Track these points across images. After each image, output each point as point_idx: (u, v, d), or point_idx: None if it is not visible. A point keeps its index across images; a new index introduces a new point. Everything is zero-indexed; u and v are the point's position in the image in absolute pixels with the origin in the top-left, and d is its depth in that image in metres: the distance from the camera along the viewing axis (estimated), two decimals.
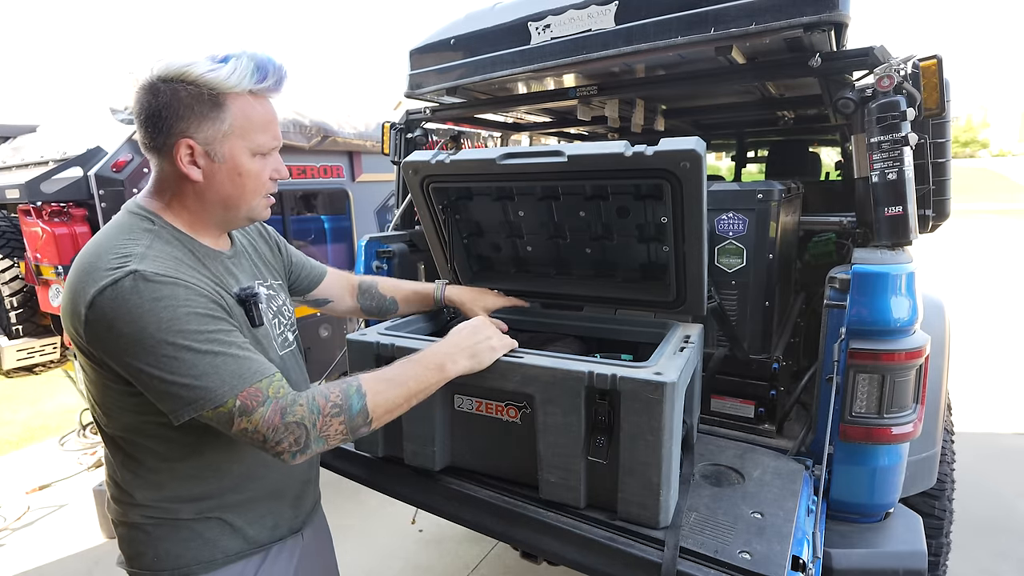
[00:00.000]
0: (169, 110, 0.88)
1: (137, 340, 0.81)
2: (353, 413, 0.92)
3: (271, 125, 0.97)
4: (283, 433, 0.86)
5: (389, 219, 3.33)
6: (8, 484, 3.45)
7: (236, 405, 0.84)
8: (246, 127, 0.93)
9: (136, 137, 3.29)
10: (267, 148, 0.97)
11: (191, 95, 0.88)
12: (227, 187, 0.95)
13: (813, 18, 1.34)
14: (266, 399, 0.86)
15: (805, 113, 2.73)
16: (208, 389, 0.83)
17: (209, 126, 0.90)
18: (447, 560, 2.61)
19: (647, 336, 1.49)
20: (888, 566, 1.31)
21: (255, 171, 0.96)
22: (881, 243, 1.45)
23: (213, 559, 1.00)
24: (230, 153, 0.93)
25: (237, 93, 0.91)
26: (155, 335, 0.81)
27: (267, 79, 0.93)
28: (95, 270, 0.83)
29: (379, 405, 0.96)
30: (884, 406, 1.31)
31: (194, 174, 0.92)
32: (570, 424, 1.15)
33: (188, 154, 0.90)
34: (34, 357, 5.11)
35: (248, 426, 0.85)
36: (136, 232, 0.90)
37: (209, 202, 0.96)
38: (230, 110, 0.91)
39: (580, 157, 1.29)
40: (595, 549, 1.13)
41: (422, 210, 1.65)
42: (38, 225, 3.18)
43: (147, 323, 0.80)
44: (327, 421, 0.89)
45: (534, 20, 1.74)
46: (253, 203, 0.99)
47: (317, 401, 0.90)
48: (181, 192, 0.95)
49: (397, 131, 2.36)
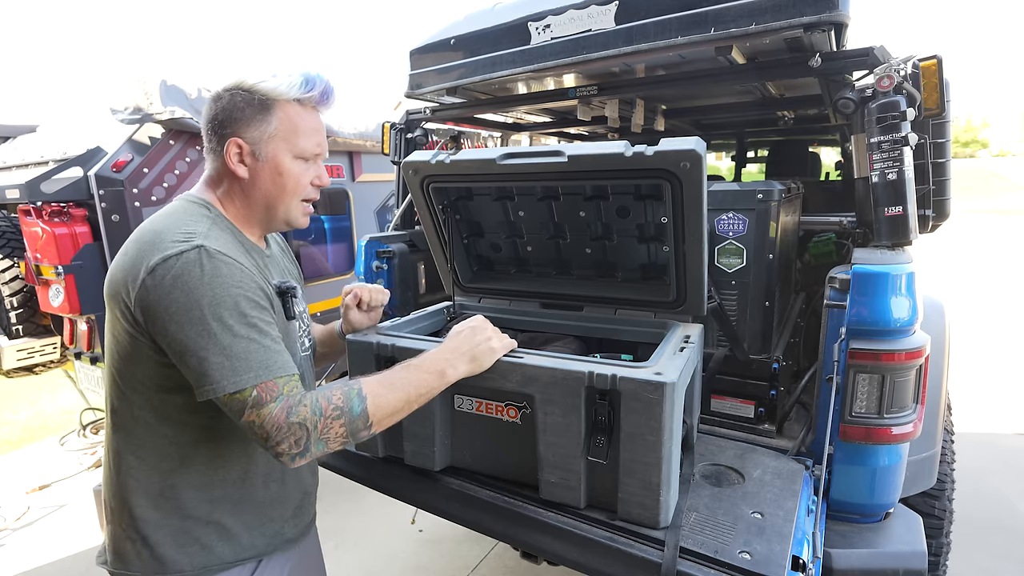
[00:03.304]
0: (225, 113, 0.99)
1: (187, 310, 0.85)
2: (354, 416, 0.93)
3: (315, 134, 1.05)
4: (285, 433, 0.87)
5: (389, 219, 3.33)
6: (8, 484, 3.46)
7: (252, 395, 0.86)
8: (290, 131, 1.02)
9: (136, 137, 3.29)
10: (309, 153, 1.05)
11: (244, 100, 0.99)
12: (268, 185, 1.03)
13: (813, 18, 1.34)
14: (279, 395, 0.88)
15: (805, 113, 2.72)
16: (235, 372, 0.86)
17: (256, 128, 0.99)
18: (447, 560, 2.60)
19: (647, 336, 1.49)
20: (888, 566, 1.31)
21: (295, 172, 1.04)
22: (881, 243, 1.45)
23: (208, 565, 1.00)
24: (273, 153, 1.01)
25: (285, 100, 1.01)
26: (205, 309, 0.86)
27: (313, 90, 1.03)
28: (160, 241, 0.89)
29: (379, 408, 0.96)
30: (884, 406, 1.31)
31: (240, 171, 1.01)
32: (570, 424, 1.15)
33: (237, 152, 1.00)
34: (34, 357, 5.10)
35: (256, 419, 0.87)
36: (196, 216, 0.97)
37: (253, 199, 1.04)
38: (277, 115, 1.00)
39: (580, 157, 1.29)
40: (595, 549, 1.13)
41: (422, 210, 1.65)
42: (38, 225, 3.18)
43: (202, 295, 0.86)
44: (328, 423, 0.91)
45: (534, 20, 1.74)
46: (291, 204, 1.06)
47: (320, 402, 0.91)
48: (230, 189, 1.04)
49: (397, 131, 2.36)
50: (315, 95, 1.04)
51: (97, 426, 4.15)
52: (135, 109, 3.07)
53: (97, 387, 3.37)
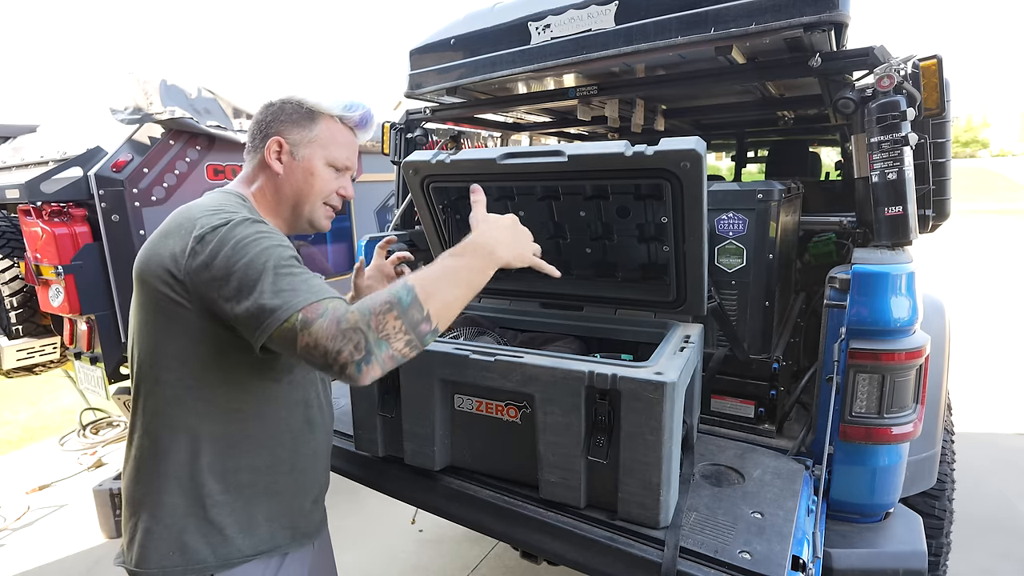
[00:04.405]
0: (273, 116, 1.11)
1: (234, 261, 0.90)
2: (405, 306, 0.89)
3: (348, 149, 1.17)
4: (342, 341, 0.85)
5: (389, 219, 3.33)
6: (8, 484, 3.46)
7: (299, 319, 0.87)
8: (328, 140, 1.13)
9: (136, 137, 3.28)
10: (340, 164, 1.15)
11: (293, 108, 1.12)
12: (299, 183, 1.12)
13: (813, 18, 1.34)
14: (324, 311, 0.88)
15: (805, 113, 2.73)
16: (283, 303, 0.88)
17: (299, 131, 1.11)
18: (447, 560, 2.60)
19: (647, 336, 1.49)
20: (888, 566, 1.31)
21: (325, 177, 1.14)
22: (881, 243, 1.45)
23: (230, 557, 1.00)
24: (309, 156, 1.12)
25: (328, 115, 1.14)
26: (254, 259, 0.90)
27: (354, 112, 1.16)
28: (206, 218, 0.95)
29: (431, 296, 0.92)
30: (884, 406, 1.31)
31: (276, 166, 1.10)
32: (570, 424, 1.15)
33: (276, 150, 1.10)
34: (34, 357, 5.10)
35: (309, 340, 0.86)
36: (234, 204, 1.04)
37: (283, 195, 1.13)
38: (320, 125, 1.13)
39: (580, 157, 1.29)
40: (595, 549, 1.13)
41: (422, 210, 1.65)
42: (38, 225, 3.17)
43: (249, 249, 0.91)
44: (381, 319, 0.87)
45: (534, 20, 1.74)
46: (316, 205, 1.15)
47: (367, 303, 0.89)
48: (263, 184, 1.13)
49: (397, 131, 2.36)
50: (355, 117, 1.17)
51: (97, 426, 4.15)
52: (135, 109, 3.07)
53: (97, 387, 3.37)
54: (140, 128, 3.22)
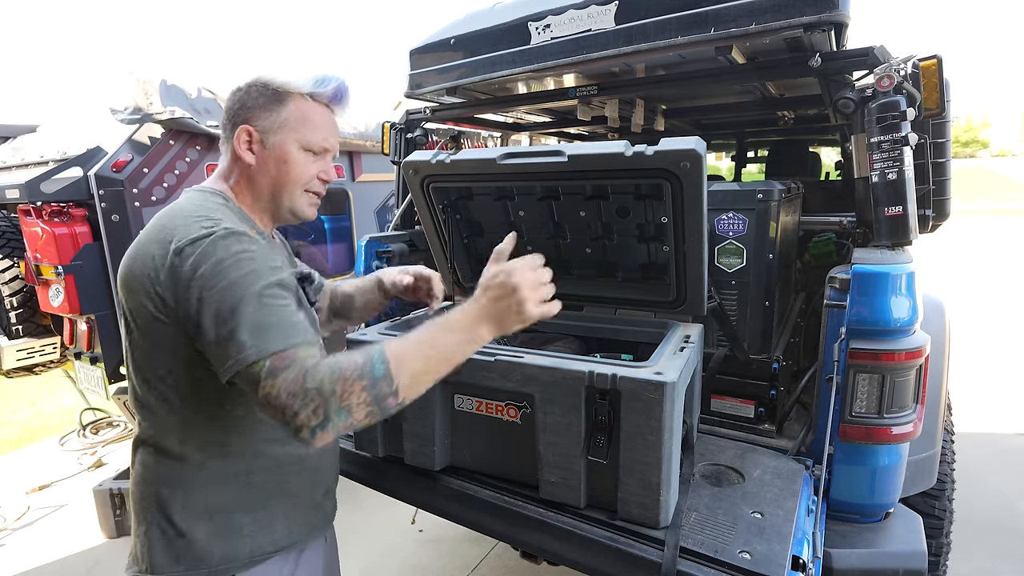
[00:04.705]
0: (240, 103, 1.04)
1: (212, 284, 0.86)
2: (376, 377, 0.84)
3: (323, 129, 1.07)
4: (302, 402, 0.80)
5: (389, 219, 3.33)
6: (8, 484, 3.46)
7: (266, 366, 0.82)
8: (299, 122, 1.04)
9: (136, 137, 3.28)
10: (316, 147, 1.06)
11: (259, 91, 1.04)
12: (273, 172, 1.05)
13: (813, 18, 1.34)
14: (293, 362, 0.83)
15: (805, 113, 2.72)
16: (253, 344, 0.83)
17: (267, 117, 1.03)
18: (447, 560, 2.60)
19: (647, 336, 1.49)
20: (888, 566, 1.31)
21: (300, 162, 1.06)
22: (881, 243, 1.45)
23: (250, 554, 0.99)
24: (280, 142, 1.04)
25: (298, 94, 1.05)
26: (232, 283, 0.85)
27: (326, 87, 1.06)
28: (185, 227, 0.90)
29: (404, 371, 0.87)
30: (884, 406, 1.31)
31: (247, 157, 1.03)
32: (570, 424, 1.15)
33: (246, 139, 1.03)
34: (34, 357, 5.10)
35: (271, 391, 0.81)
36: (213, 206, 0.99)
37: (258, 186, 1.06)
38: (289, 106, 1.04)
39: (580, 157, 1.29)
40: (595, 549, 1.13)
41: (422, 210, 1.65)
42: (38, 225, 3.18)
43: (229, 272, 0.86)
44: (348, 386, 0.82)
45: (534, 20, 1.74)
46: (296, 194, 1.07)
47: (339, 364, 0.84)
48: (239, 178, 1.07)
49: (397, 131, 2.36)
50: (327, 92, 1.07)
51: (97, 426, 4.15)
52: (135, 109, 3.07)
53: (97, 387, 3.37)
54: (140, 128, 3.22)
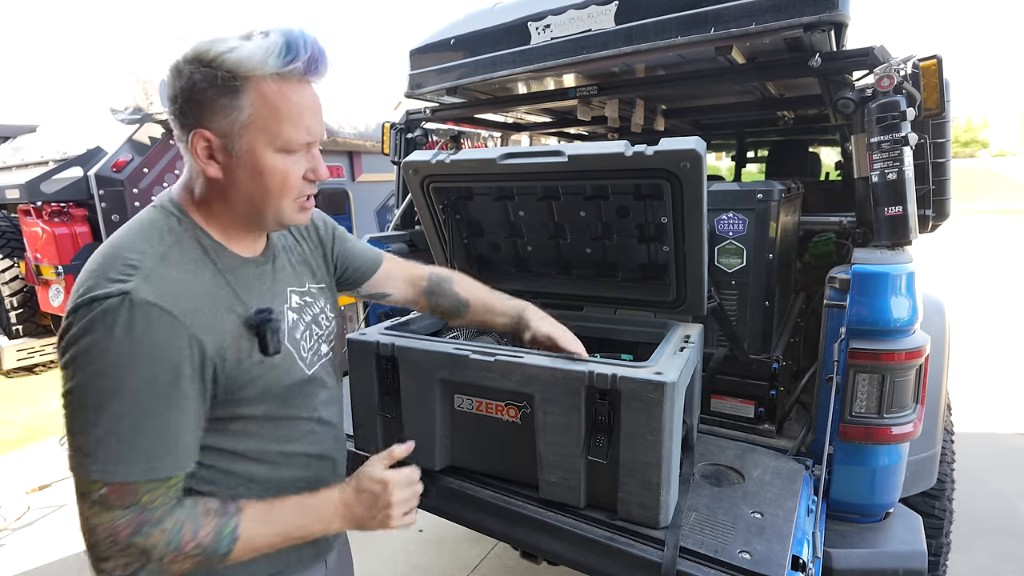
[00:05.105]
0: (184, 96, 0.77)
1: (80, 366, 0.71)
2: (216, 555, 0.78)
3: (302, 116, 0.81)
4: (116, 551, 0.72)
5: (389, 219, 3.33)
6: (8, 484, 3.45)
7: (100, 492, 0.71)
8: (268, 117, 0.78)
9: (136, 137, 3.29)
10: (295, 144, 0.82)
11: (206, 79, 0.75)
12: (248, 186, 0.82)
13: (813, 18, 1.34)
14: (132, 504, 0.72)
15: (805, 113, 2.73)
16: (96, 462, 0.71)
17: (224, 116, 0.77)
18: (447, 560, 2.60)
19: (647, 336, 1.49)
20: (888, 566, 1.31)
21: (280, 169, 0.82)
22: (881, 243, 1.45)
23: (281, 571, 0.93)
24: (249, 147, 0.79)
25: (259, 77, 0.77)
26: (100, 371, 0.70)
27: (296, 60, 0.77)
28: (100, 273, 0.74)
29: (245, 550, 0.81)
30: (884, 406, 1.31)
31: (211, 170, 0.80)
32: (570, 424, 1.15)
33: (205, 147, 0.79)
34: (34, 357, 5.11)
35: (92, 521, 0.72)
36: (157, 234, 0.80)
37: (233, 202, 0.84)
38: (249, 97, 0.77)
39: (580, 157, 1.29)
40: (595, 549, 1.13)
41: (422, 210, 1.65)
42: (38, 225, 3.18)
43: (98, 354, 0.70)
44: (178, 558, 0.75)
45: (534, 20, 1.74)
46: (281, 205, 0.85)
47: (183, 533, 0.75)
48: (206, 190, 0.84)
49: (397, 131, 2.36)
50: (299, 66, 0.78)
51: None
52: (135, 109, 3.08)
53: None
54: (140, 128, 3.23)
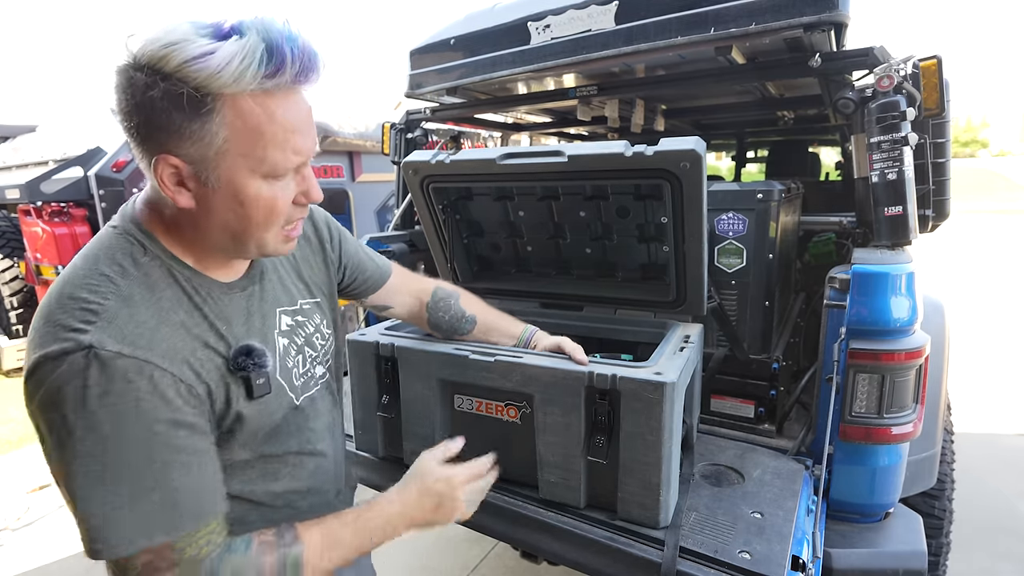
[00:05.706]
0: (142, 115, 0.61)
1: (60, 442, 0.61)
2: None
3: (291, 135, 0.67)
4: None
5: (389, 219, 3.33)
6: (8, 484, 3.45)
7: (140, 563, 0.64)
8: (249, 142, 0.65)
9: None
10: (282, 168, 0.68)
11: (167, 96, 0.59)
12: (227, 217, 0.69)
13: (813, 18, 1.34)
14: (178, 563, 0.65)
15: (805, 113, 2.73)
16: (115, 535, 0.63)
17: (193, 141, 0.63)
18: (447, 560, 2.60)
19: (647, 336, 1.49)
20: (888, 566, 1.31)
21: (265, 198, 0.69)
22: (881, 243, 1.45)
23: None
24: (227, 176, 0.66)
25: (235, 94, 0.62)
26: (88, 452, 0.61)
27: (281, 70, 0.62)
28: (54, 321, 0.63)
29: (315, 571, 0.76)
30: (884, 406, 1.31)
31: (182, 200, 0.67)
32: (570, 424, 1.15)
33: (173, 175, 0.65)
34: None
35: None
36: (118, 270, 0.67)
37: (209, 231, 0.71)
38: (223, 118, 0.62)
39: (580, 157, 1.29)
40: (595, 549, 1.13)
41: (422, 210, 1.65)
42: (38, 225, 3.19)
43: (82, 432, 0.60)
44: None
45: (534, 20, 1.74)
46: (266, 236, 0.73)
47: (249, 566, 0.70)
48: (177, 219, 0.71)
49: (397, 131, 2.36)
50: (286, 78, 0.63)
51: None
52: None
53: None
54: None
